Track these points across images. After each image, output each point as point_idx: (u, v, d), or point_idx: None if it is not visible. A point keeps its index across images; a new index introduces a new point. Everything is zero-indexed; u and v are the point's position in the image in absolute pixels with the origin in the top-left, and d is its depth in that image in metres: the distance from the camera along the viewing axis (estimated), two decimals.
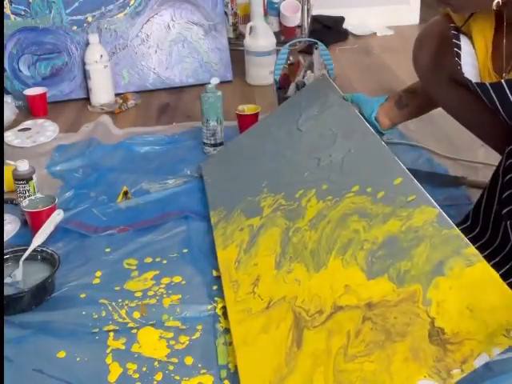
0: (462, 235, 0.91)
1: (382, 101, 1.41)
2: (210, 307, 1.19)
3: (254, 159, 1.52)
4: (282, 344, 0.98)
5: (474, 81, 1.13)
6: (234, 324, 1.10)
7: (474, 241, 1.24)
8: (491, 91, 1.09)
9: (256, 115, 1.92)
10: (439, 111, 2.06)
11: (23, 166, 1.51)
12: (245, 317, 1.09)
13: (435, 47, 1.27)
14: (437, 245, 0.92)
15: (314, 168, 1.28)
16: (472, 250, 0.88)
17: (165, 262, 1.36)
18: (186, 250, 1.39)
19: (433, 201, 0.99)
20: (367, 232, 1.04)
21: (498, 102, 1.10)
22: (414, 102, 1.39)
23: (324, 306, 0.98)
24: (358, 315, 0.92)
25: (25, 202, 1.45)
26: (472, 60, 1.15)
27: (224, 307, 1.18)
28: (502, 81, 1.07)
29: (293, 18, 2.83)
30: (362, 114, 1.39)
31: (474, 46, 1.16)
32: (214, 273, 1.29)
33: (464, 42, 1.15)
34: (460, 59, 1.13)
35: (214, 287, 1.25)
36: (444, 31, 1.20)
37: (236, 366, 1.03)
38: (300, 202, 1.22)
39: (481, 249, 1.21)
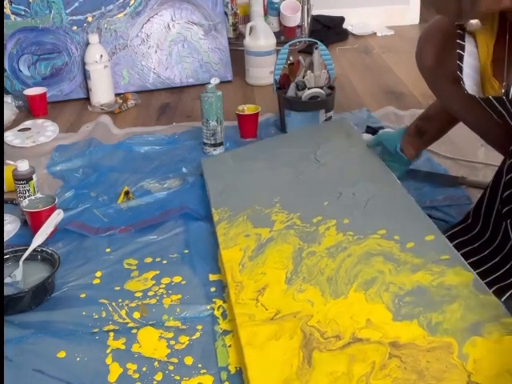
0: (501, 303, 0.95)
1: (402, 132, 1.45)
2: (209, 307, 1.19)
3: (264, 172, 1.54)
4: (293, 357, 0.98)
5: (470, 89, 1.12)
6: (239, 325, 1.09)
7: (474, 240, 1.24)
8: (483, 103, 1.10)
9: (256, 115, 1.92)
10: None
11: (23, 166, 1.51)
12: (246, 320, 1.09)
13: (439, 45, 1.26)
14: (473, 307, 0.96)
15: (334, 200, 1.32)
16: None
17: (165, 262, 1.35)
18: (186, 251, 1.39)
19: (467, 265, 1.04)
20: (393, 276, 1.07)
21: (493, 113, 1.11)
22: (432, 127, 1.43)
23: (343, 334, 1.00)
24: (384, 351, 0.94)
25: (25, 202, 1.45)
26: (474, 62, 1.14)
27: (221, 307, 1.18)
28: (490, 97, 1.08)
29: (293, 18, 2.83)
30: (386, 151, 1.45)
31: (477, 47, 1.15)
32: (211, 277, 1.28)
33: (468, 42, 1.14)
34: (462, 62, 1.13)
35: (212, 289, 1.25)
36: (448, 29, 1.19)
37: (237, 368, 1.03)
38: (317, 228, 1.26)
39: (481, 248, 1.22)
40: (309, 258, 1.18)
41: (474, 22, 1.07)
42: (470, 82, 1.13)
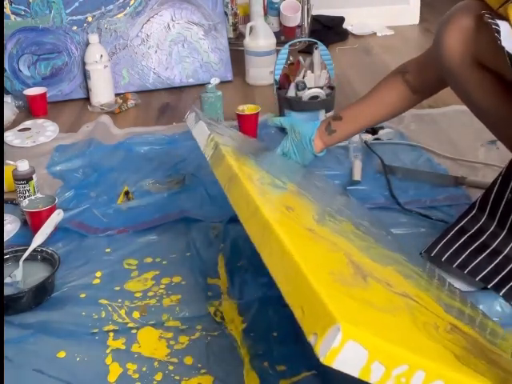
0: None
1: (318, 124, 1.47)
2: (209, 307, 1.19)
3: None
4: (342, 264, 0.82)
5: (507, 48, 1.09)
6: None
7: (479, 233, 1.24)
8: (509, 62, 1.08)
9: (256, 115, 1.92)
10: (439, 111, 2.07)
11: (23, 166, 1.51)
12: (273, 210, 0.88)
13: (468, 28, 1.22)
14: None
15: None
16: None
17: (165, 262, 1.35)
18: (185, 250, 1.39)
19: None
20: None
21: None
22: (341, 128, 1.45)
23: (394, 285, 0.86)
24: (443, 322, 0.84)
25: (25, 202, 1.45)
26: (511, 37, 1.12)
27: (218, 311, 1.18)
28: None
29: (293, 18, 2.83)
30: (298, 136, 1.45)
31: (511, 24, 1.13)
32: (209, 280, 1.28)
33: (501, 23, 1.12)
34: (500, 35, 1.10)
35: (209, 293, 1.24)
36: (477, 10, 1.18)
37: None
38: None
39: (487, 241, 1.22)
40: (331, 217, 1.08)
41: None
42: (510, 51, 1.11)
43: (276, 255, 0.73)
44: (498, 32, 1.11)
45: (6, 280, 1.25)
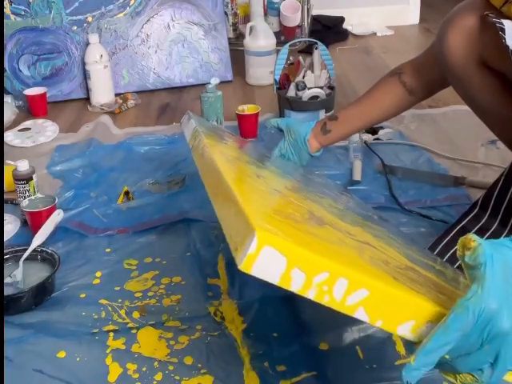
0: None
1: (313, 124, 1.46)
2: (209, 307, 1.19)
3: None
4: (298, 210, 0.79)
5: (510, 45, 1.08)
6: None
7: (480, 232, 1.24)
8: None
9: (256, 115, 1.92)
10: (439, 111, 2.07)
11: (23, 166, 1.51)
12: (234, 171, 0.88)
13: (471, 25, 1.21)
14: None
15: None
16: None
17: (165, 262, 1.36)
18: (185, 250, 1.39)
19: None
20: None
21: None
22: (336, 128, 1.44)
23: (355, 235, 0.84)
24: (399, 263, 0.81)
25: (25, 202, 1.45)
26: None
27: (218, 311, 1.18)
28: None
29: (293, 17, 2.83)
30: (293, 136, 1.44)
31: None
32: (209, 280, 1.28)
33: (505, 21, 1.11)
34: (504, 33, 1.09)
35: (210, 294, 1.24)
36: (480, 9, 1.17)
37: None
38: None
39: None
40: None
41: None
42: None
43: (226, 203, 0.72)
44: (503, 30, 1.10)
45: (6, 280, 1.25)
